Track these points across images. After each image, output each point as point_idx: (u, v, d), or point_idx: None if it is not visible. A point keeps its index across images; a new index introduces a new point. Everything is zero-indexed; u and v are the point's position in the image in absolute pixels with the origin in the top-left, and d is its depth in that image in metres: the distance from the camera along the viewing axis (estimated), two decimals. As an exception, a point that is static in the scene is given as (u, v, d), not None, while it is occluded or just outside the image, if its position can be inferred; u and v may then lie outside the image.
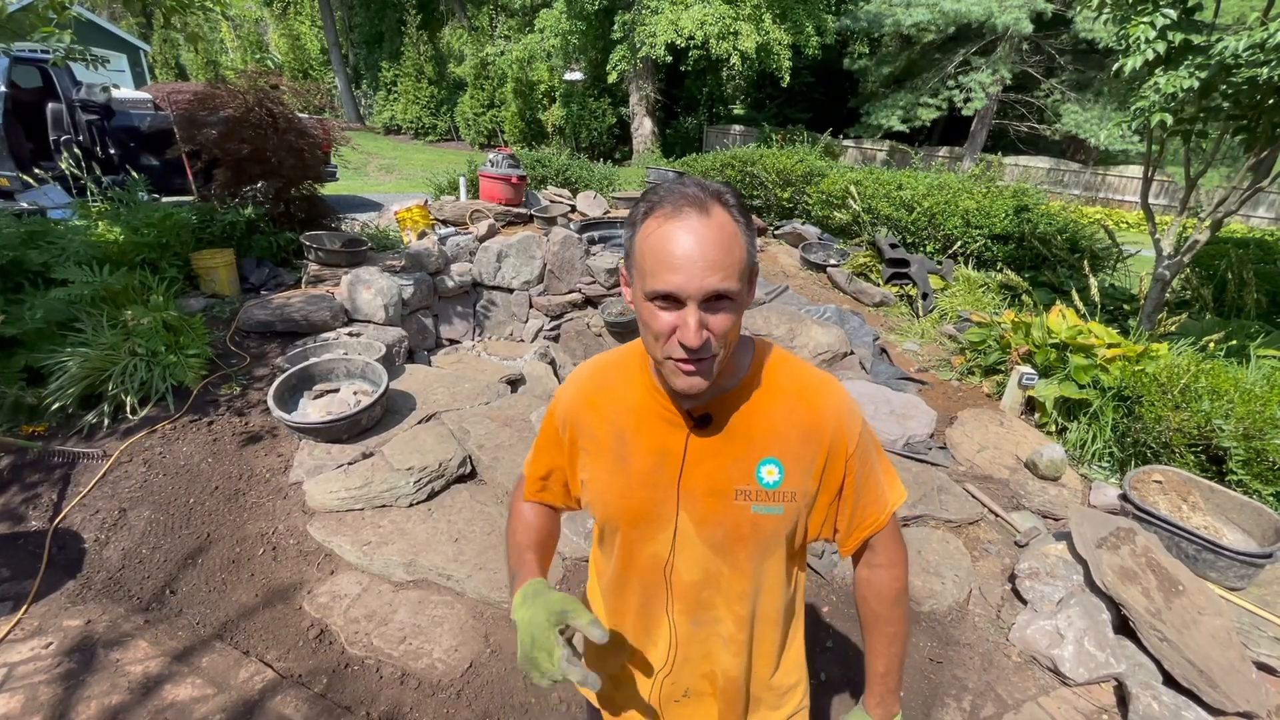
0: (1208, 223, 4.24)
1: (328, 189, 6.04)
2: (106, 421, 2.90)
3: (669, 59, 12.75)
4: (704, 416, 0.86)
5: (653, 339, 0.77)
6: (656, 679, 0.97)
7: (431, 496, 2.78)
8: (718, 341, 0.74)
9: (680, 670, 0.95)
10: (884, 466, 0.95)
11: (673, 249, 0.71)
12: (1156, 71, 3.77)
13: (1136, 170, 13.70)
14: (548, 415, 1.01)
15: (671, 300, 0.72)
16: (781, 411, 0.86)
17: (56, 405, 2.83)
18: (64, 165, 4.64)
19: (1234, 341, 4.04)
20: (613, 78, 13.99)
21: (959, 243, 6.24)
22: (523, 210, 6.23)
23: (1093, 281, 4.86)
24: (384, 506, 2.69)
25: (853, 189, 6.85)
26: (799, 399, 0.87)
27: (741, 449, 0.86)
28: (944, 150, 15.93)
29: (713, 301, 0.72)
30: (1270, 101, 3.50)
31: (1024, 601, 2.44)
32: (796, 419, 0.86)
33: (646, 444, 0.88)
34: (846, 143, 16.21)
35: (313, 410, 3.13)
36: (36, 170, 4.74)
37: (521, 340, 5.32)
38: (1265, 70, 3.27)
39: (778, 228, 7.44)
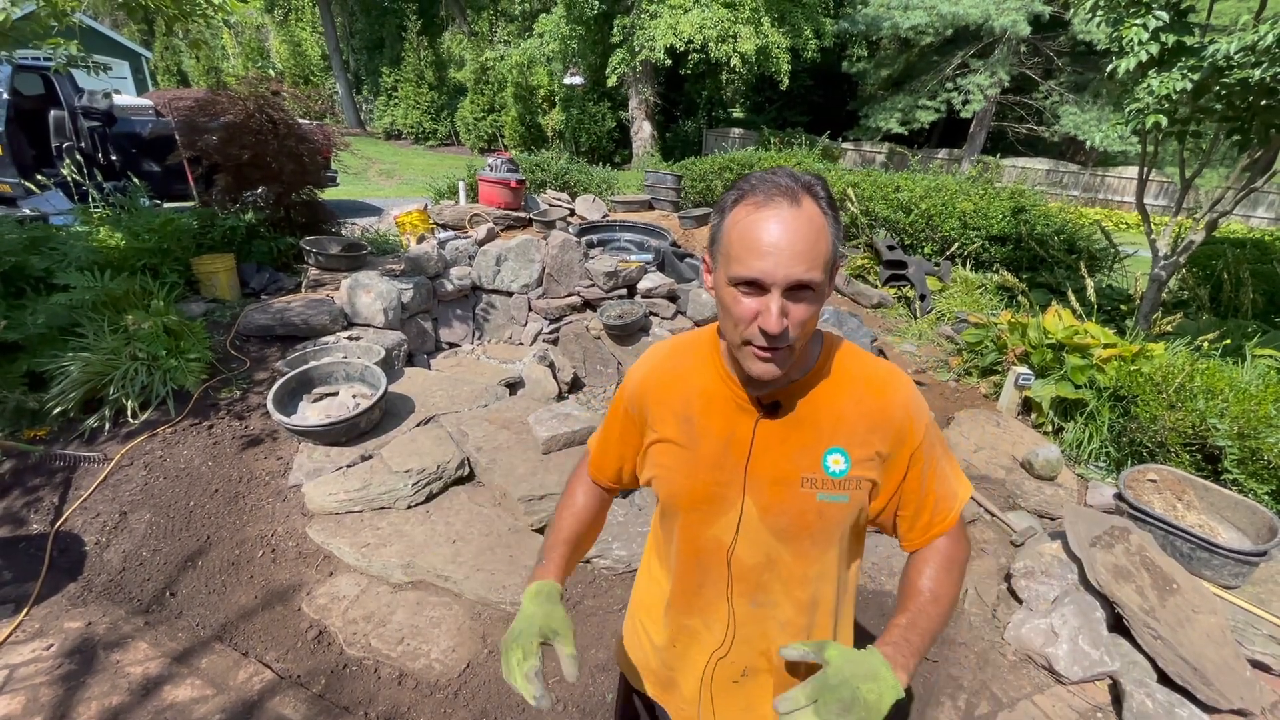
0: (1203, 223, 4.26)
1: (328, 194, 6.06)
2: (107, 425, 2.92)
3: (668, 62, 12.78)
4: (773, 404, 0.87)
5: (732, 324, 0.79)
6: (711, 660, 0.97)
7: (430, 498, 2.80)
8: (795, 330, 0.76)
9: (738, 650, 0.96)
10: (950, 461, 0.95)
11: (761, 236, 0.73)
12: (1150, 73, 3.80)
13: (1135, 171, 13.70)
14: (618, 394, 1.06)
15: (756, 287, 0.75)
16: (849, 401, 0.87)
17: (58, 409, 2.85)
18: (66, 171, 4.67)
19: (1230, 341, 4.05)
20: (612, 81, 14.02)
21: (956, 244, 6.27)
22: (522, 214, 6.26)
23: (1089, 282, 4.87)
24: (382, 508, 2.71)
25: (850, 191, 6.87)
26: (867, 389, 0.88)
27: (809, 437, 0.87)
28: (943, 152, 15.97)
29: (795, 291, 0.74)
30: (1263, 103, 3.53)
31: (1019, 600, 2.44)
32: (864, 409, 0.87)
33: (715, 428, 0.90)
34: (845, 145, 16.25)
35: (312, 413, 3.15)
36: (39, 176, 4.77)
37: (520, 343, 5.33)
38: (1257, 72, 3.29)
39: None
